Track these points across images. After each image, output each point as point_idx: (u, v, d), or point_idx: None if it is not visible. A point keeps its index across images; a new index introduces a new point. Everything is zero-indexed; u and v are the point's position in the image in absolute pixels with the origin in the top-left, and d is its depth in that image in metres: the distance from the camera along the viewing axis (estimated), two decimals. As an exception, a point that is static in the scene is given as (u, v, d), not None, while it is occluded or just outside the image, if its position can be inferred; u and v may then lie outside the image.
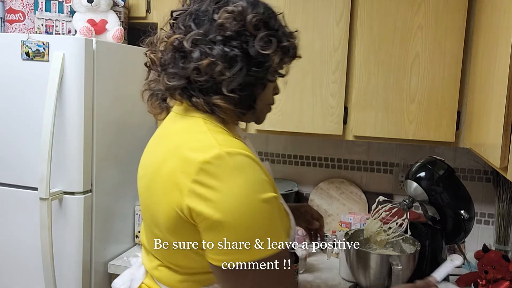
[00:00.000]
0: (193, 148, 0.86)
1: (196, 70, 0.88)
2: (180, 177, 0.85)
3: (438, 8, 1.66)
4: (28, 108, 1.63)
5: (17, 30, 1.93)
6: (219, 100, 0.89)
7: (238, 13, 0.90)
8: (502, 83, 1.09)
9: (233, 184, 0.82)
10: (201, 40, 0.89)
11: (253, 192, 0.83)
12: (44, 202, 1.55)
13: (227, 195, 0.81)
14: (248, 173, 0.84)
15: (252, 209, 0.82)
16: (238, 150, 0.85)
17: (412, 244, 1.56)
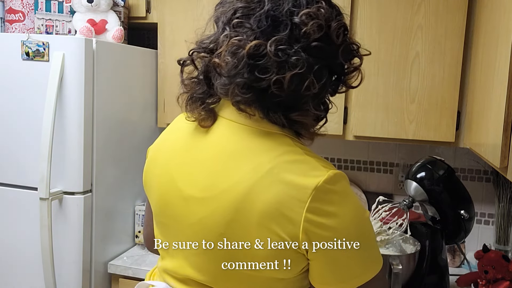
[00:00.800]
0: (298, 173, 0.76)
1: (277, 83, 0.75)
2: (289, 206, 0.75)
3: (438, 8, 1.66)
4: (28, 108, 1.63)
5: (17, 30, 1.93)
6: (300, 117, 0.81)
7: (321, 18, 0.78)
8: (502, 83, 1.09)
9: (348, 207, 0.79)
10: (284, 48, 0.76)
11: (362, 210, 0.82)
12: (44, 202, 1.55)
13: (345, 218, 0.77)
14: (352, 192, 0.81)
15: (367, 227, 0.83)
16: (337, 170, 0.79)
17: (412, 244, 1.56)
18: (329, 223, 0.75)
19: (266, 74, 0.75)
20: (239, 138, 0.82)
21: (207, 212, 0.81)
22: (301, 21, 0.76)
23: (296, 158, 0.79)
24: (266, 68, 0.75)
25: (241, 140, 0.82)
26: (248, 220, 0.77)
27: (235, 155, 0.81)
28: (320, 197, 0.75)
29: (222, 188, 0.80)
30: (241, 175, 0.78)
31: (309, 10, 0.77)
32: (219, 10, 0.84)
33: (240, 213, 0.77)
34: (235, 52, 0.76)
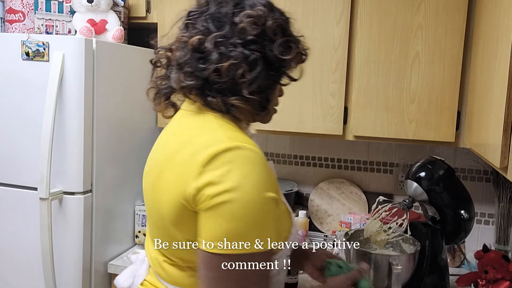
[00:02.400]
0: (204, 142, 0.88)
1: (216, 71, 0.90)
2: (190, 169, 0.86)
3: (438, 8, 1.66)
4: (28, 108, 1.63)
5: (17, 30, 1.93)
6: (237, 101, 0.92)
7: (258, 17, 0.92)
8: (502, 83, 1.09)
9: (242, 174, 0.84)
10: (223, 42, 0.90)
11: (259, 187, 0.86)
12: (44, 202, 1.55)
13: (232, 181, 0.83)
14: (257, 168, 0.86)
15: (257, 203, 0.85)
16: (248, 145, 0.88)
17: (412, 244, 1.56)
18: (216, 181, 0.84)
19: (206, 64, 0.90)
20: (181, 121, 1.00)
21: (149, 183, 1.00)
22: (240, 20, 0.92)
23: (208, 132, 0.92)
24: (207, 59, 0.90)
25: (181, 122, 1.00)
26: (165, 180, 0.92)
27: (172, 134, 1.00)
28: (217, 159, 0.85)
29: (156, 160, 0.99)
30: (169, 147, 0.96)
31: (249, 12, 0.92)
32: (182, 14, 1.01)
33: (161, 175, 0.94)
34: (183, 47, 0.93)
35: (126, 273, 1.15)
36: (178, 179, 0.89)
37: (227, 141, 0.87)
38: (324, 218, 2.19)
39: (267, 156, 2.30)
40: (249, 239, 0.84)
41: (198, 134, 0.93)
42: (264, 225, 0.87)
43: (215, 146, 0.86)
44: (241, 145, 0.87)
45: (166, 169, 0.93)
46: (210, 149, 0.85)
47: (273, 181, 0.91)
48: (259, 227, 0.86)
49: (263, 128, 1.90)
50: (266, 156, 2.29)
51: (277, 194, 0.90)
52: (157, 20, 2.02)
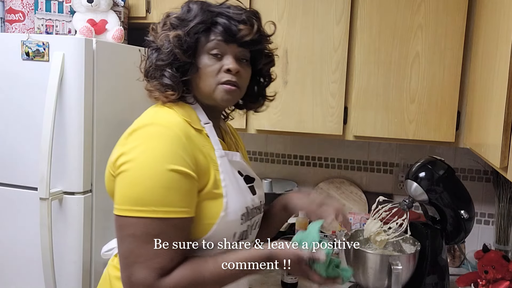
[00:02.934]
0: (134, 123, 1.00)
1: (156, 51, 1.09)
2: (118, 144, 1.00)
3: (438, 8, 1.66)
4: (28, 108, 1.63)
5: (17, 30, 1.92)
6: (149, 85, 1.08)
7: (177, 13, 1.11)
8: (502, 83, 1.09)
9: (145, 147, 0.93)
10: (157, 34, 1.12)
11: (158, 158, 0.92)
12: (44, 202, 1.55)
13: (137, 150, 0.93)
14: (161, 142, 0.94)
15: (156, 172, 0.92)
16: (163, 122, 0.97)
17: (412, 244, 1.56)
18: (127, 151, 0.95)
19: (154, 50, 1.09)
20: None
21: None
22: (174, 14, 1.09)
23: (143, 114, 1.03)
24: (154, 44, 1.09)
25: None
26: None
27: None
28: (131, 135, 0.96)
29: None
30: None
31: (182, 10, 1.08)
32: None
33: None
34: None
35: (111, 243, 1.26)
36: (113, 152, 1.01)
37: (146, 120, 0.98)
38: (324, 218, 2.19)
39: (267, 156, 2.30)
40: (147, 205, 0.91)
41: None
42: (165, 194, 0.92)
43: (136, 124, 0.98)
44: (153, 122, 0.97)
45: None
46: (131, 127, 0.98)
47: (187, 158, 0.95)
48: (158, 194, 0.91)
49: (263, 128, 1.91)
50: (266, 156, 2.29)
51: (195, 173, 0.95)
52: (157, 20, 2.00)
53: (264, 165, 2.31)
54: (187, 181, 0.94)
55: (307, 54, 1.82)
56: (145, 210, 0.91)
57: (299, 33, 1.82)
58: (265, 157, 2.31)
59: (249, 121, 1.92)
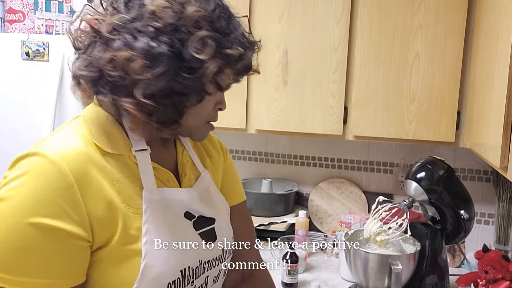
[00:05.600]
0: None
1: (111, 62, 0.70)
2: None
3: (438, 8, 1.66)
4: (28, 108, 1.63)
5: (17, 30, 1.93)
6: (128, 104, 0.71)
7: (176, 2, 0.72)
8: (502, 83, 1.09)
9: (18, 184, 0.67)
10: (125, 27, 0.71)
11: (26, 206, 0.66)
12: (44, 202, 1.55)
13: (6, 192, 0.67)
14: (39, 182, 0.67)
15: (11, 224, 0.65)
16: (52, 154, 0.69)
17: (412, 244, 1.56)
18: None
19: (103, 52, 0.72)
20: None
21: None
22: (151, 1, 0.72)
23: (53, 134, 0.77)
24: (106, 46, 0.72)
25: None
26: None
27: None
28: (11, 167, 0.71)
29: None
30: None
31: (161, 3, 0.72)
32: None
33: None
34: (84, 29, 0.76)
35: None
36: None
37: (36, 146, 0.71)
38: (324, 218, 2.19)
39: (267, 156, 2.30)
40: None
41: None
42: (18, 257, 0.65)
43: (26, 150, 0.72)
44: (39, 151, 0.69)
45: None
46: (21, 153, 0.72)
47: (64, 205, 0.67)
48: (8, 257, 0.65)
49: (263, 128, 1.91)
50: (266, 156, 2.29)
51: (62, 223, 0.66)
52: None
53: (264, 165, 2.31)
54: (61, 240, 0.67)
55: (307, 54, 1.82)
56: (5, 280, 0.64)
57: (299, 33, 1.82)
58: (265, 157, 2.31)
59: (249, 121, 1.92)
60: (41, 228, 0.65)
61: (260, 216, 2.04)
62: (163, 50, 0.69)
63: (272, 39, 1.83)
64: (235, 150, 2.33)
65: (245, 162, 2.32)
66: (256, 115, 1.90)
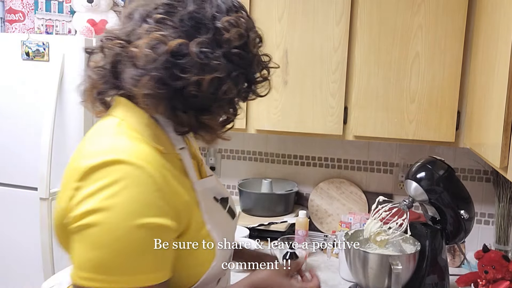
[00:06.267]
0: (88, 153, 0.76)
1: (196, 84, 0.77)
2: (69, 180, 0.76)
3: (438, 8, 1.66)
4: (28, 108, 1.63)
5: (17, 30, 1.93)
6: (209, 120, 0.82)
7: (244, 28, 0.81)
8: (502, 83, 1.09)
9: (113, 194, 0.71)
10: (207, 51, 0.77)
11: (130, 211, 0.71)
12: (44, 202, 1.55)
13: (103, 202, 0.71)
14: (135, 188, 0.72)
15: (121, 230, 0.71)
16: (134, 160, 0.74)
17: (412, 244, 1.56)
18: (84, 200, 0.72)
19: (185, 73, 0.76)
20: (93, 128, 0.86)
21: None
22: (223, 26, 0.79)
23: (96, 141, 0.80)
24: (186, 67, 0.76)
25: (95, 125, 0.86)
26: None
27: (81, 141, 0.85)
28: (88, 177, 0.73)
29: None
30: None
31: (230, 18, 0.80)
32: (133, 4, 0.84)
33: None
34: (156, 47, 0.76)
35: (53, 279, 1.07)
36: (60, 193, 0.79)
37: (108, 154, 0.74)
38: (324, 218, 2.19)
39: (267, 156, 2.30)
40: (113, 273, 0.71)
41: (88, 142, 0.81)
42: (134, 259, 0.72)
43: (94, 159, 0.73)
44: (121, 159, 0.73)
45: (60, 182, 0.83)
46: (87, 162, 0.73)
47: (165, 206, 0.75)
48: (126, 259, 0.71)
49: (263, 128, 1.91)
50: (266, 156, 2.29)
51: (176, 221, 0.76)
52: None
53: (264, 165, 2.31)
54: (163, 235, 0.75)
55: (307, 54, 1.82)
56: (111, 280, 0.70)
57: (299, 33, 1.82)
58: (265, 157, 2.31)
59: (249, 121, 1.92)
60: (149, 228, 0.72)
61: (260, 216, 2.04)
62: (239, 71, 0.81)
63: (272, 39, 1.83)
64: (235, 150, 2.33)
65: (245, 162, 2.32)
66: (256, 115, 1.90)
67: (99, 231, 0.70)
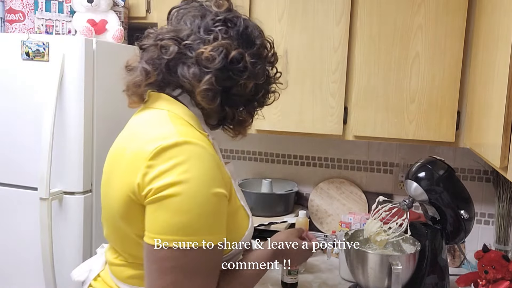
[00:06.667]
0: (154, 137, 0.88)
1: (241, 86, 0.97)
2: (137, 163, 0.87)
3: (438, 8, 1.66)
4: (28, 108, 1.63)
5: (17, 30, 1.93)
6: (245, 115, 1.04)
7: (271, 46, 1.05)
8: (502, 83, 1.09)
9: (186, 169, 0.84)
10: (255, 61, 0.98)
11: (204, 182, 0.86)
12: (44, 202, 1.55)
13: (177, 175, 0.84)
14: (203, 163, 0.87)
15: (201, 196, 0.85)
16: (197, 141, 0.89)
17: (412, 244, 1.56)
18: (161, 175, 0.84)
19: (236, 76, 0.95)
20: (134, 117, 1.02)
21: (103, 180, 1.01)
22: (263, 45, 1.03)
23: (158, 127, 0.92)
24: (238, 71, 0.95)
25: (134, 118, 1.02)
26: (115, 176, 0.94)
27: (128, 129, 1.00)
28: (162, 155, 0.85)
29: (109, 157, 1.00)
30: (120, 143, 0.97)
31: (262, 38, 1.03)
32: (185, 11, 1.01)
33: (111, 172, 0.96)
34: (222, 51, 0.93)
35: (82, 267, 1.14)
36: (126, 173, 0.89)
37: (175, 136, 0.87)
38: (324, 218, 2.19)
39: (267, 156, 2.31)
40: (194, 234, 0.84)
41: (147, 129, 0.93)
42: (211, 220, 0.87)
43: (163, 141, 0.86)
44: (188, 140, 0.87)
45: (117, 164, 0.94)
46: (157, 143, 0.86)
47: (222, 178, 0.91)
48: (205, 221, 0.86)
49: (263, 128, 1.90)
50: (266, 156, 2.30)
51: (227, 192, 0.91)
52: (157, 20, 2.02)
53: (264, 165, 2.31)
54: (225, 202, 0.91)
55: (307, 54, 1.82)
56: (193, 239, 0.84)
57: (299, 33, 1.82)
58: (265, 157, 2.31)
59: (249, 121, 1.91)
60: (218, 196, 0.88)
61: (260, 216, 2.04)
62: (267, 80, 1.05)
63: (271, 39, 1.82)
64: (235, 150, 2.33)
65: (245, 162, 2.32)
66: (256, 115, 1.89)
67: (182, 199, 0.83)
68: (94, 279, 1.07)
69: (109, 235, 1.02)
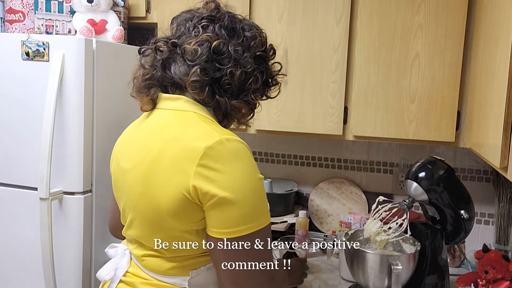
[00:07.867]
0: (195, 137, 0.96)
1: (230, 74, 1.01)
2: (185, 163, 0.94)
3: (438, 8, 1.66)
4: (28, 108, 1.63)
5: (17, 30, 1.93)
6: (240, 104, 1.06)
7: (264, 39, 1.11)
8: (502, 83, 1.09)
9: (235, 166, 0.94)
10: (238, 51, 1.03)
11: (251, 171, 0.97)
12: (44, 202, 1.55)
13: (230, 175, 0.93)
14: (245, 156, 0.97)
15: (253, 186, 0.97)
16: (234, 137, 0.98)
17: (412, 244, 1.56)
18: (215, 177, 0.93)
19: (222, 65, 1.01)
20: (161, 117, 1.07)
21: (133, 177, 1.05)
22: (251, 36, 1.06)
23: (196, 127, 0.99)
24: (223, 61, 1.01)
25: (161, 118, 1.06)
26: (157, 176, 0.98)
27: (156, 130, 1.05)
28: (209, 155, 0.93)
29: (142, 157, 1.03)
30: (157, 144, 1.01)
31: (256, 32, 1.09)
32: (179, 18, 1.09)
33: (150, 171, 1.00)
34: (203, 44, 1.00)
35: (108, 266, 1.19)
36: (174, 173, 0.95)
37: (216, 134, 0.95)
38: (324, 218, 2.19)
39: (267, 156, 2.31)
40: (256, 219, 0.96)
41: (185, 130, 1.00)
42: (263, 203, 0.99)
43: (207, 140, 0.94)
44: (229, 137, 0.96)
45: (157, 165, 0.99)
46: (202, 143, 0.93)
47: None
48: (261, 207, 0.98)
49: (263, 128, 1.91)
50: (266, 156, 2.30)
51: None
52: (157, 20, 2.02)
53: (264, 165, 2.31)
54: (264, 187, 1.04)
55: (307, 54, 1.82)
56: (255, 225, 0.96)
57: (299, 33, 1.82)
58: (265, 157, 2.31)
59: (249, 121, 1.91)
60: (261, 180, 1.00)
61: (260, 216, 2.04)
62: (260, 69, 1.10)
63: (272, 39, 1.80)
64: (235, 150, 2.33)
65: (245, 162, 2.32)
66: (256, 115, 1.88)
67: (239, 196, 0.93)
68: (124, 275, 1.12)
69: (142, 233, 1.06)
